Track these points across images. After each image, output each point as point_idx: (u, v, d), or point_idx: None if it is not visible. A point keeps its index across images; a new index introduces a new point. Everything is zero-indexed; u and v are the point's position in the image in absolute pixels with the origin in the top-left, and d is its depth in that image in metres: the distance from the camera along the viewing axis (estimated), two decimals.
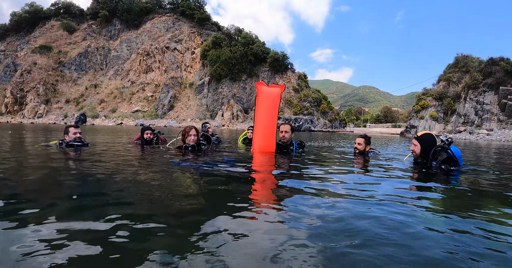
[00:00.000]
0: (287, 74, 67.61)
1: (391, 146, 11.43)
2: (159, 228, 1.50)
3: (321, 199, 2.16)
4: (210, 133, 6.92)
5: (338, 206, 1.96)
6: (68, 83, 79.29)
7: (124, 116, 67.11)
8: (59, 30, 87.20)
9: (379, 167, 3.94)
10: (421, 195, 2.50)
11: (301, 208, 1.89)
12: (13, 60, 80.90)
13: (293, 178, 3.03)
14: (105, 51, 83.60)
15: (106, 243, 1.28)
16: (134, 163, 3.92)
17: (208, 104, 66.93)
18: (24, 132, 13.49)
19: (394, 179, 3.16)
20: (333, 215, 1.75)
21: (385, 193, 2.42)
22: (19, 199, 2.03)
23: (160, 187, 2.46)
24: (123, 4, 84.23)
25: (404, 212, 1.86)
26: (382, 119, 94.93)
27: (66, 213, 1.73)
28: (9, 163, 3.68)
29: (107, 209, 1.81)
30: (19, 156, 4.46)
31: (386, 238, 1.41)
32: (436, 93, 44.57)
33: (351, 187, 2.65)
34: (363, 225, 1.58)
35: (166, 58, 76.31)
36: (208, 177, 2.96)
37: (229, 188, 2.54)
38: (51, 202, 1.95)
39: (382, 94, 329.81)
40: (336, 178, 3.08)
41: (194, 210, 1.85)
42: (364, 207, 1.96)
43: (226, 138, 12.44)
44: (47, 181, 2.75)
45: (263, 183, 2.91)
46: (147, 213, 1.76)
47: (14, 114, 72.15)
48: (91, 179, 2.74)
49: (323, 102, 65.36)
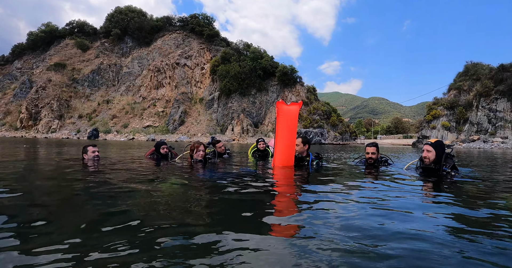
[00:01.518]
0: (296, 87, 67.93)
1: (406, 156, 11.31)
2: (176, 239, 1.53)
3: (336, 211, 2.21)
4: (222, 150, 7.06)
5: (355, 218, 2.00)
6: (81, 99, 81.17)
7: (135, 131, 68.00)
8: (73, 48, 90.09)
9: (395, 178, 4.07)
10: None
11: (317, 219, 1.95)
12: (29, 77, 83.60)
13: (304, 190, 3.16)
14: (117, 68, 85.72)
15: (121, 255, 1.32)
16: (151, 176, 4.09)
17: (218, 119, 67.43)
18: (38, 147, 14.10)
19: (410, 188, 3.28)
20: (350, 226, 1.79)
21: (405, 205, 2.44)
22: (37, 207, 2.21)
23: (179, 199, 2.61)
24: (134, 23, 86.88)
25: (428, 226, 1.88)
26: (393, 131, 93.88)
27: (84, 225, 1.79)
28: (31, 175, 4.01)
29: (129, 217, 1.93)
30: (39, 168, 4.82)
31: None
32: (447, 102, 44.09)
33: (370, 200, 2.68)
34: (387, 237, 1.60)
35: (177, 74, 77.70)
36: (222, 189, 3.09)
37: (243, 198, 2.66)
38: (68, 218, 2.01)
39: (392, 105, 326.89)
40: (352, 191, 3.16)
41: (213, 223, 1.91)
42: (386, 219, 1.98)
43: (237, 152, 12.56)
44: (71, 195, 2.85)
45: (278, 195, 3.00)
46: (168, 224, 1.81)
47: (29, 129, 73.92)
48: (112, 191, 2.90)
49: (333, 115, 65.17)
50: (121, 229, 1.68)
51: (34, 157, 7.75)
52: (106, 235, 1.58)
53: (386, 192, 3.00)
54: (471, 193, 3.14)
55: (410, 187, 3.36)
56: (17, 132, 70.51)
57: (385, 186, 3.39)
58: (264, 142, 7.42)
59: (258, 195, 2.87)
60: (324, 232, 1.68)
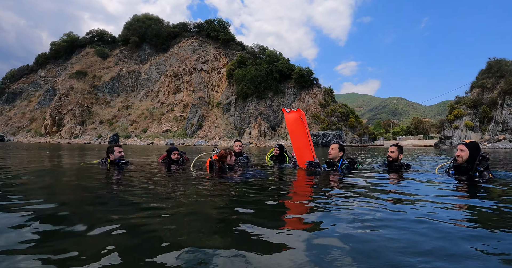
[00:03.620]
0: (313, 89, 67.42)
1: (431, 158, 10.87)
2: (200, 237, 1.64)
3: (356, 213, 2.23)
4: (238, 151, 7.26)
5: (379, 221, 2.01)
6: (102, 105, 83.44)
7: (154, 136, 69.17)
8: (93, 56, 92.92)
9: (415, 179, 4.09)
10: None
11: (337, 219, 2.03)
12: (52, 85, 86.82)
13: (324, 193, 3.20)
14: (135, 75, 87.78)
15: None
16: (171, 179, 4.31)
17: (236, 123, 67.69)
18: (61, 152, 14.46)
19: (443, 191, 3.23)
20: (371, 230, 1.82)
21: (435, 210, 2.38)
22: (68, 207, 2.36)
23: (206, 200, 2.73)
24: (152, 30, 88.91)
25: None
26: (413, 131, 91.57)
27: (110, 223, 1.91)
28: (58, 178, 4.19)
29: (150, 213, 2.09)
30: (67, 173, 5.02)
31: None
32: (470, 101, 42.62)
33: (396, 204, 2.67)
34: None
35: (194, 79, 78.73)
36: (248, 189, 3.29)
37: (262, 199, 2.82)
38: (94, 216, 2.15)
39: (411, 105, 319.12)
40: (375, 193, 3.10)
41: (240, 220, 2.06)
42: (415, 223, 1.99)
43: (256, 155, 12.67)
44: (96, 198, 2.94)
45: (298, 197, 3.11)
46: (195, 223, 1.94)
47: (53, 135, 76.57)
48: (136, 192, 3.03)
49: (351, 116, 64.23)
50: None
51: (58, 162, 8.00)
52: (126, 236, 1.68)
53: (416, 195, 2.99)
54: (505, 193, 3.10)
55: (442, 191, 3.31)
56: (42, 138, 73.12)
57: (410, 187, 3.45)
58: (278, 148, 7.63)
59: (281, 196, 3.04)
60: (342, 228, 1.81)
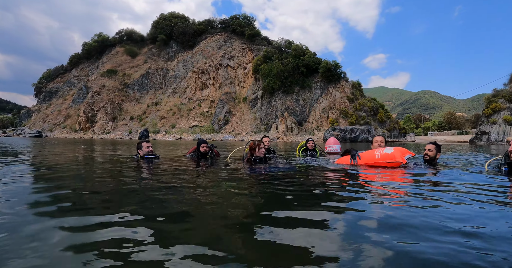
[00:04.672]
0: (341, 83, 66.05)
1: (470, 155, 9.76)
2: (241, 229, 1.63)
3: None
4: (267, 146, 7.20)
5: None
6: (132, 102, 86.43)
7: (182, 131, 70.75)
8: (123, 55, 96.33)
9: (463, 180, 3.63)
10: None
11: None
12: (85, 84, 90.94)
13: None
14: (164, 72, 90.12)
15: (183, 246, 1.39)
16: (199, 172, 4.29)
17: (262, 118, 67.75)
18: (95, 146, 15.18)
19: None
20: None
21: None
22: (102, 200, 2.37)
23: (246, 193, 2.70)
24: (178, 28, 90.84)
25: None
26: (445, 126, 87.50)
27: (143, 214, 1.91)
28: (93, 173, 4.23)
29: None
30: (103, 167, 5.04)
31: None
32: (510, 94, 40.02)
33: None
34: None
35: (220, 75, 79.61)
36: (286, 182, 3.27)
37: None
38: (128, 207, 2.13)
39: (444, 99, 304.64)
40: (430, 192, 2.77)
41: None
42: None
43: (283, 150, 12.48)
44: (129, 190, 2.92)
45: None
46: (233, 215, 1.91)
47: (86, 130, 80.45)
48: (169, 186, 3.02)
49: (380, 111, 62.35)
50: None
51: (92, 156, 8.24)
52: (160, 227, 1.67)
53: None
54: None
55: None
56: (76, 134, 77.02)
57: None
58: (313, 142, 7.72)
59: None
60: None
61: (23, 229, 1.60)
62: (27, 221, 1.76)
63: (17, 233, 1.54)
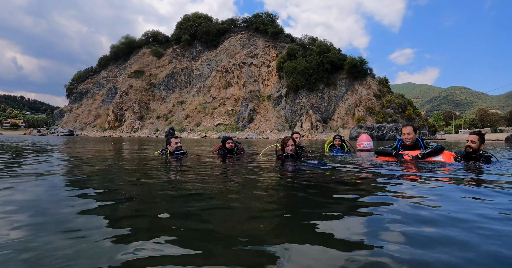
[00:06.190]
0: (367, 80, 64.72)
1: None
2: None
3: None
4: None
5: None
6: (158, 101, 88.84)
7: (207, 129, 71.95)
8: (149, 56, 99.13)
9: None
10: None
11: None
12: (114, 84, 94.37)
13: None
14: (188, 71, 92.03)
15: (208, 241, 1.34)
16: (226, 168, 4.29)
17: (287, 116, 67.64)
18: (124, 144, 15.77)
19: None
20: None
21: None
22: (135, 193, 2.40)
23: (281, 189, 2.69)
24: (202, 28, 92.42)
25: None
26: (477, 124, 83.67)
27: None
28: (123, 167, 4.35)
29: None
30: (134, 163, 5.16)
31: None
32: None
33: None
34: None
35: (244, 73, 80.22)
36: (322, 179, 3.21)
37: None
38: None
39: (476, 94, 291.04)
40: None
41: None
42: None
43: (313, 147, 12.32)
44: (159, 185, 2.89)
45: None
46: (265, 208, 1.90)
47: (115, 129, 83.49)
48: (190, 181, 3.01)
49: (409, 107, 60.51)
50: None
51: (121, 153, 8.38)
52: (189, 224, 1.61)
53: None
54: None
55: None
56: (106, 133, 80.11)
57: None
58: (340, 139, 7.87)
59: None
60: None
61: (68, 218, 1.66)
62: (73, 212, 1.79)
63: (60, 222, 1.60)
